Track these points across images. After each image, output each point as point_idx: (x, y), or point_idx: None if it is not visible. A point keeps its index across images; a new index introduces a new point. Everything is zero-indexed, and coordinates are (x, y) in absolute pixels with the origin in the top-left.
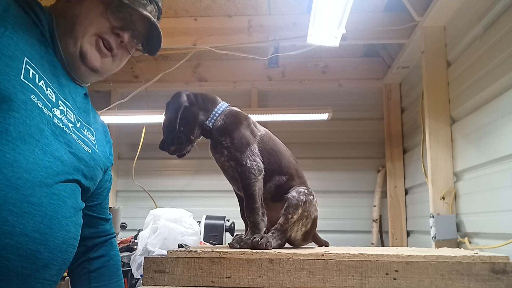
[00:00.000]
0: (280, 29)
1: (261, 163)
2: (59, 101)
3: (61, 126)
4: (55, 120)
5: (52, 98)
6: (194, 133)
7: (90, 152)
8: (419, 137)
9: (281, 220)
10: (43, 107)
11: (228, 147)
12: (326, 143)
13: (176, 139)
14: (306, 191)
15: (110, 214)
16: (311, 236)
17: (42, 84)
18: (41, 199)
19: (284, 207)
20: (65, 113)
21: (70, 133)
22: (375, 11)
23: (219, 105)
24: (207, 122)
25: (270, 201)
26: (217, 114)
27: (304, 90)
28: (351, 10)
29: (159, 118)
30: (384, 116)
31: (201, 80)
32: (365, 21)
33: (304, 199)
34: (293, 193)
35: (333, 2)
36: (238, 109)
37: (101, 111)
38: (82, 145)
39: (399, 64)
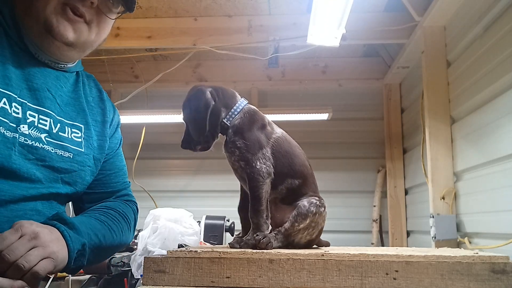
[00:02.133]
0: (280, 29)
1: (272, 166)
2: (28, 112)
3: (30, 143)
4: (22, 139)
5: (19, 113)
6: (218, 131)
7: (71, 156)
8: (419, 137)
9: (287, 225)
10: (5, 132)
11: (240, 147)
12: (326, 143)
13: (203, 138)
14: (318, 202)
15: (125, 183)
16: (314, 244)
17: (5, 103)
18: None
19: (293, 213)
20: (36, 124)
21: (43, 146)
22: (375, 11)
23: (239, 102)
24: (225, 119)
25: (279, 202)
26: (236, 112)
27: (304, 90)
28: (351, 10)
29: (159, 118)
30: (384, 116)
31: (201, 80)
32: (365, 21)
33: (314, 211)
34: (304, 202)
35: (333, 2)
36: (256, 108)
37: None
38: (60, 153)
39: (399, 64)
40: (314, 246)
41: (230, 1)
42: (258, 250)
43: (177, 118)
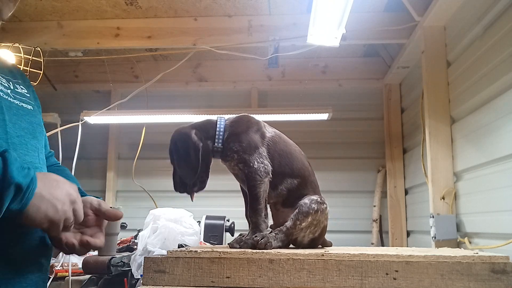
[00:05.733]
0: (280, 29)
1: (270, 165)
2: None
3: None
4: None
5: None
6: (210, 165)
7: (32, 108)
8: (419, 137)
9: (288, 223)
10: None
11: (237, 151)
12: (326, 143)
13: (198, 178)
14: (319, 199)
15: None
16: (318, 243)
17: None
18: None
19: (294, 212)
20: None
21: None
22: (375, 11)
23: (218, 124)
24: (216, 145)
25: (280, 206)
26: (221, 134)
27: (304, 90)
28: (351, 10)
29: (159, 118)
30: (384, 116)
31: (201, 80)
32: (365, 21)
33: (315, 208)
34: (305, 200)
35: (333, 2)
36: (239, 115)
37: (101, 111)
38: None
39: (399, 64)
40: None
41: (230, 1)
42: (258, 250)
43: (177, 118)
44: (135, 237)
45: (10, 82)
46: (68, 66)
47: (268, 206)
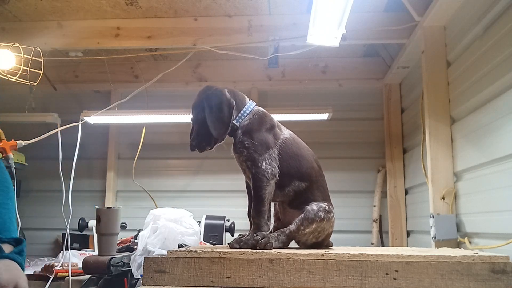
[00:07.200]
0: (280, 29)
1: (277, 168)
2: None
3: None
4: None
5: None
6: (228, 132)
7: None
8: (419, 137)
9: (292, 227)
10: None
11: (248, 147)
12: (326, 143)
13: (213, 139)
14: (327, 207)
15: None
16: (321, 247)
17: None
18: None
19: (300, 217)
20: None
21: None
22: (375, 11)
23: (248, 104)
24: (235, 121)
25: (287, 206)
26: (245, 114)
27: (304, 90)
28: (351, 10)
29: (159, 118)
30: (384, 116)
31: (201, 80)
32: (365, 21)
33: (322, 216)
34: (313, 206)
35: (333, 2)
36: (264, 110)
37: (101, 111)
38: None
39: (399, 64)
40: None
41: (230, 1)
42: (258, 250)
43: (177, 118)
44: (135, 237)
45: None
46: (68, 66)
47: (274, 204)
